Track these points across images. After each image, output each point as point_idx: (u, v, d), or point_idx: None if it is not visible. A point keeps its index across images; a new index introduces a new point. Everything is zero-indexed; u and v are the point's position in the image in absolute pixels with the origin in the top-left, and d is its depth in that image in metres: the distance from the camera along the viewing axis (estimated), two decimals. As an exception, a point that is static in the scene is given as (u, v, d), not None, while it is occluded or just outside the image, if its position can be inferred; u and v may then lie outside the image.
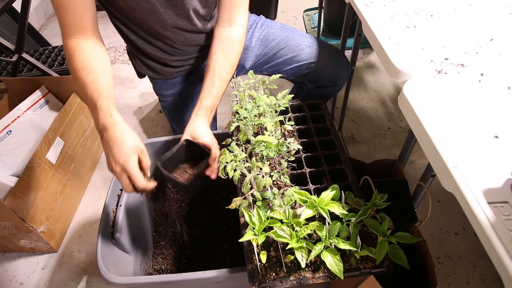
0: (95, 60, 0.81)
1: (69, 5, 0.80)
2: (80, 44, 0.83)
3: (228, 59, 0.96)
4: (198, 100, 0.93)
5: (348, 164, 0.90)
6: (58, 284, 1.23)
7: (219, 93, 0.94)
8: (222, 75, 0.94)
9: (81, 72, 0.79)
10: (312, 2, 2.46)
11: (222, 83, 0.94)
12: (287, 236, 0.65)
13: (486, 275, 1.12)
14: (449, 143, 0.55)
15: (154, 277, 0.83)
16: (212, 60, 0.96)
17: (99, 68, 0.80)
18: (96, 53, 0.84)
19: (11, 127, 1.32)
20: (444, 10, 0.85)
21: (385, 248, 0.65)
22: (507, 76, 0.66)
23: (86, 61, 0.80)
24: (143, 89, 2.00)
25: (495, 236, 0.45)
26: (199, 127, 0.88)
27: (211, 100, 0.92)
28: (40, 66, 1.69)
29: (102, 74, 0.80)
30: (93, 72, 0.79)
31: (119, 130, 0.74)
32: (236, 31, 0.97)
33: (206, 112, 0.91)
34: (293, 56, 1.13)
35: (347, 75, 1.20)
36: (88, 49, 0.83)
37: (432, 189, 0.86)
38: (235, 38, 0.97)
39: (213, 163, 0.86)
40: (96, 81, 0.78)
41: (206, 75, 0.95)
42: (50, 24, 2.83)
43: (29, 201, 1.16)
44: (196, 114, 0.91)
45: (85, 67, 0.79)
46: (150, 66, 1.11)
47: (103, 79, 0.79)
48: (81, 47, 0.82)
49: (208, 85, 0.93)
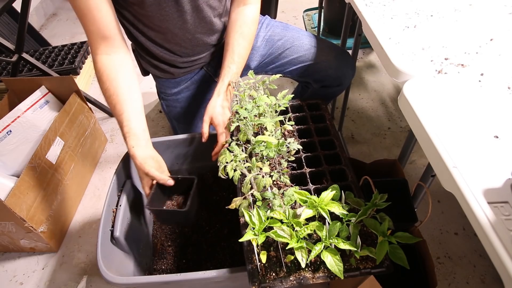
0: (120, 90, 0.88)
1: (86, 11, 0.83)
2: (106, 65, 0.88)
3: (245, 36, 1.00)
4: (220, 77, 0.98)
5: (348, 164, 0.90)
6: (58, 284, 1.23)
7: (239, 69, 0.99)
8: (241, 52, 0.99)
9: (110, 100, 0.89)
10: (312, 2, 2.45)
11: (242, 59, 1.00)
12: (287, 236, 0.65)
13: (486, 275, 1.12)
14: (449, 143, 0.55)
15: (154, 277, 0.83)
16: (230, 37, 1.00)
17: (124, 97, 0.88)
18: (121, 76, 0.89)
19: (11, 127, 1.32)
20: (444, 10, 0.85)
21: (385, 248, 0.65)
22: (507, 76, 0.66)
23: (112, 89, 0.88)
24: (143, 89, 2.00)
25: (495, 236, 0.45)
26: (215, 108, 0.94)
27: (232, 77, 0.97)
28: (40, 66, 1.69)
29: (126, 103, 0.88)
30: (119, 103, 0.87)
31: (137, 161, 0.88)
32: (250, 10, 1.01)
33: (227, 89, 0.96)
34: (298, 56, 1.13)
35: (353, 75, 1.20)
36: (114, 72, 0.89)
37: (432, 189, 0.86)
38: (250, 16, 1.01)
39: (217, 145, 0.93)
40: (122, 113, 0.87)
41: (226, 53, 1.00)
42: (50, 24, 2.83)
43: (29, 201, 1.16)
44: (218, 93, 0.96)
45: (112, 96, 0.88)
46: (156, 66, 1.11)
47: (128, 109, 0.88)
48: (108, 71, 0.88)
49: (229, 62, 0.98)
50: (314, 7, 2.33)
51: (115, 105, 0.88)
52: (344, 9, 1.22)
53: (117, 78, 0.88)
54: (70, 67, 1.99)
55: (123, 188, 1.01)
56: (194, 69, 1.14)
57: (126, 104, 0.87)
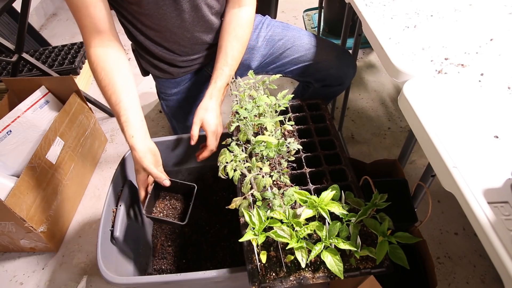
0: (115, 78, 0.86)
1: (82, 7, 0.83)
2: (101, 56, 0.87)
3: (239, 38, 0.99)
4: (212, 79, 0.97)
5: (348, 164, 0.90)
6: (58, 284, 1.23)
7: (232, 72, 0.98)
8: (235, 54, 0.98)
9: (105, 90, 0.87)
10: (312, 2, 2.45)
11: (235, 62, 0.99)
12: (287, 236, 0.65)
13: (486, 275, 1.12)
14: (449, 143, 0.55)
15: (154, 277, 0.83)
16: (224, 40, 1.00)
17: (119, 86, 0.86)
18: (116, 67, 0.88)
19: (11, 127, 1.32)
20: (444, 10, 0.85)
21: (385, 248, 0.65)
22: (507, 76, 0.66)
23: (107, 80, 0.86)
24: (143, 89, 2.00)
25: (495, 236, 0.45)
26: (207, 111, 0.94)
27: (224, 79, 0.97)
28: (40, 66, 1.69)
29: (122, 92, 0.86)
30: (115, 93, 0.85)
31: (137, 154, 0.85)
32: (245, 12, 1.00)
33: (219, 92, 0.96)
34: (299, 56, 1.13)
35: (354, 74, 1.20)
36: (108, 63, 0.87)
37: (432, 189, 0.86)
38: (244, 18, 1.00)
39: (205, 149, 0.94)
40: (118, 102, 0.85)
41: (218, 55, 0.99)
42: (50, 24, 2.83)
43: (29, 201, 1.16)
44: (210, 96, 0.95)
45: (107, 86, 0.86)
46: (156, 66, 1.11)
47: (124, 99, 0.86)
48: (102, 62, 0.87)
49: (221, 64, 0.98)
50: (314, 7, 2.33)
51: (111, 95, 0.86)
52: (344, 9, 1.22)
53: (112, 69, 0.87)
54: (70, 67, 1.99)
55: (123, 188, 1.01)
56: (193, 69, 1.14)
57: (122, 94, 0.86)
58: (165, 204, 0.99)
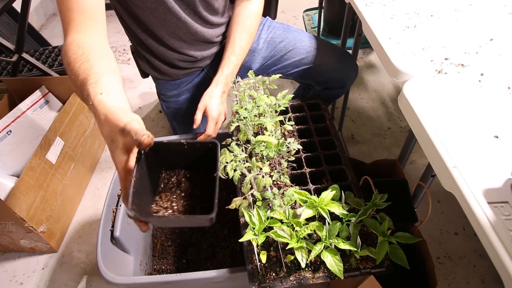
0: (91, 51, 0.65)
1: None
2: (79, 38, 0.68)
3: (247, 30, 1.02)
4: (219, 68, 1.00)
5: (348, 164, 0.90)
6: (58, 284, 1.23)
7: (239, 61, 1.01)
8: (242, 44, 1.02)
9: (74, 63, 0.63)
10: (312, 2, 2.45)
11: (242, 52, 1.02)
12: (287, 236, 0.65)
13: (486, 275, 1.12)
14: (449, 143, 0.55)
15: (154, 277, 0.83)
16: (233, 30, 1.03)
17: (93, 57, 0.64)
18: (94, 45, 0.68)
19: (11, 127, 1.32)
20: (444, 10, 0.85)
21: (385, 248, 0.65)
22: (507, 76, 0.66)
23: (80, 52, 0.64)
24: (143, 89, 2.00)
25: (495, 236, 0.45)
26: (211, 98, 0.95)
27: (231, 68, 1.00)
28: (40, 66, 1.69)
29: (97, 62, 0.63)
30: (86, 62, 0.62)
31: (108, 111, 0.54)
32: (254, 4, 1.04)
33: (226, 79, 0.99)
34: (300, 58, 1.13)
35: (355, 76, 1.20)
36: (86, 42, 0.68)
37: (432, 189, 0.86)
38: (253, 10, 1.04)
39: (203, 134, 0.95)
40: (91, 67, 0.61)
41: (227, 45, 1.03)
42: (50, 24, 2.83)
43: (29, 201, 1.16)
44: (216, 83, 0.98)
45: (78, 58, 0.63)
46: (156, 67, 1.11)
47: (100, 65, 0.63)
48: (78, 40, 0.67)
49: (229, 53, 1.01)
50: (314, 7, 2.33)
51: (80, 65, 0.62)
52: (344, 9, 1.22)
53: (90, 47, 0.66)
54: (70, 67, 1.99)
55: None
56: (193, 71, 1.14)
57: (98, 64, 0.62)
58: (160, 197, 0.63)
